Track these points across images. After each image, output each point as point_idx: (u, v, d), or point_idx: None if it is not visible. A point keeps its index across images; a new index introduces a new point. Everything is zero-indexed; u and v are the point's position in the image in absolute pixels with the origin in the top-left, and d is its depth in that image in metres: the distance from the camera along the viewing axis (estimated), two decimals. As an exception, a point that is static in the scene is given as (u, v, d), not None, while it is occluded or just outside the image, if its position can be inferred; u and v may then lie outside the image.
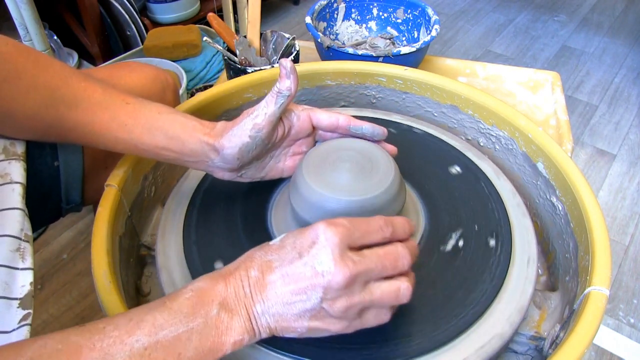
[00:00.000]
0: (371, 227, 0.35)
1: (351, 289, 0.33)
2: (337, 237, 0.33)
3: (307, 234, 0.34)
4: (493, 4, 2.41)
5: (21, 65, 0.44)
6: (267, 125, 0.45)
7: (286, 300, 0.33)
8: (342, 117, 0.49)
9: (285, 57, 0.79)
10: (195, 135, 0.45)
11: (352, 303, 0.33)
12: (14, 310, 0.40)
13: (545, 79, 0.92)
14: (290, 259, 0.33)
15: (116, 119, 0.45)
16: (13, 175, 0.47)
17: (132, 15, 1.54)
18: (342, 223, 0.34)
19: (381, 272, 0.34)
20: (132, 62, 0.64)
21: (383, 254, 0.34)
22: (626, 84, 1.86)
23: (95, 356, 0.28)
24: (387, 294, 0.34)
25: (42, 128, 0.46)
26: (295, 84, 0.44)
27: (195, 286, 0.33)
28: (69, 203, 0.58)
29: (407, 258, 0.35)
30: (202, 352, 0.30)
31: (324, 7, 0.93)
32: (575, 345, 0.36)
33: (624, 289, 1.15)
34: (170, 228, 0.51)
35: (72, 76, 0.46)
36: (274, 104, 0.44)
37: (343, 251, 0.33)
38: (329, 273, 0.32)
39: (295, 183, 0.47)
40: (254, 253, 0.35)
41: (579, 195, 0.48)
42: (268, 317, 0.33)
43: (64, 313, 1.05)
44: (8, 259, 0.42)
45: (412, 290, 0.35)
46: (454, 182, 0.55)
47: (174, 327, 0.30)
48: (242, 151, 0.46)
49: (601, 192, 1.41)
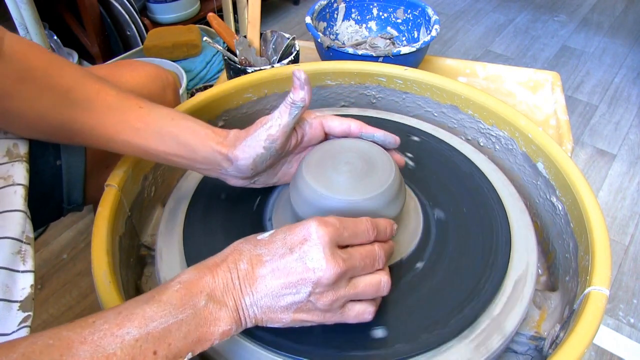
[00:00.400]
0: (359, 229, 0.37)
1: (338, 284, 0.35)
2: (328, 236, 0.34)
3: (298, 231, 0.35)
4: (493, 4, 2.41)
5: (35, 65, 0.44)
6: (281, 136, 0.44)
7: (276, 293, 0.34)
8: (354, 123, 0.48)
9: (285, 57, 0.79)
10: (207, 143, 0.45)
11: (337, 296, 0.35)
12: (14, 313, 0.40)
13: (545, 79, 0.92)
14: (281, 253, 0.34)
15: (128, 123, 0.45)
16: (15, 177, 0.46)
17: (132, 15, 1.54)
18: (333, 223, 0.35)
19: (363, 269, 0.37)
20: (133, 61, 0.64)
21: (365, 254, 0.37)
22: (626, 84, 1.86)
23: (87, 349, 0.28)
24: (370, 287, 0.37)
25: (53, 129, 0.46)
26: (309, 94, 0.43)
27: (182, 278, 0.33)
28: (71, 203, 0.58)
29: (383, 259, 0.38)
30: (191, 342, 0.31)
31: (324, 7, 0.93)
32: (575, 345, 0.36)
33: (624, 289, 1.15)
34: (170, 228, 0.51)
35: (85, 78, 0.46)
36: (288, 115, 0.44)
37: (333, 249, 0.35)
38: (320, 269, 0.33)
39: (295, 183, 0.47)
40: (241, 246, 0.36)
41: (579, 195, 0.48)
42: (256, 309, 0.34)
43: (64, 313, 1.05)
44: (9, 262, 0.42)
45: (391, 283, 0.38)
46: (453, 182, 0.55)
47: (164, 318, 0.31)
48: (256, 162, 0.46)
49: (601, 192, 1.41)
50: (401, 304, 0.43)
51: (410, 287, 0.45)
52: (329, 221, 0.35)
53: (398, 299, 0.44)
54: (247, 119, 0.68)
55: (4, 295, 0.40)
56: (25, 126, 0.47)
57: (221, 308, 0.33)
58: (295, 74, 0.42)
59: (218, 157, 0.46)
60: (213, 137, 0.46)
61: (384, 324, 0.42)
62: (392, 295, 0.44)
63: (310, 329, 0.38)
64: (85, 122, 0.45)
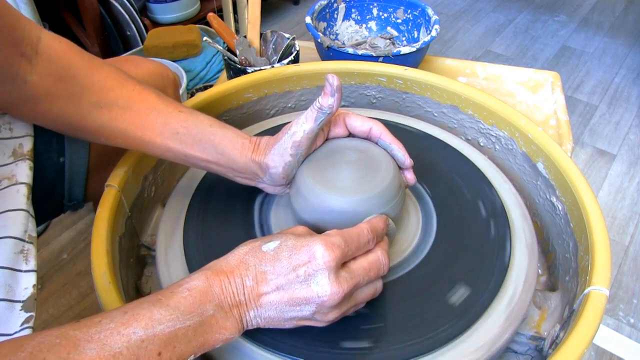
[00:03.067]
0: (361, 243, 0.38)
1: (342, 304, 0.36)
2: (334, 261, 0.35)
3: (305, 251, 0.35)
4: (493, 4, 2.41)
5: (75, 64, 0.44)
6: (305, 141, 0.44)
7: (280, 308, 0.35)
8: (375, 126, 0.47)
9: (285, 57, 0.79)
10: (244, 153, 0.45)
11: (341, 313, 0.37)
12: (16, 313, 0.40)
13: (545, 79, 0.92)
14: (286, 273, 0.35)
15: (168, 126, 0.45)
16: (19, 176, 0.46)
17: (132, 15, 1.54)
18: (338, 244, 0.35)
19: (366, 283, 0.38)
20: (135, 57, 0.64)
21: (368, 267, 0.37)
22: (626, 84, 1.85)
23: (94, 347, 0.28)
24: (367, 295, 0.39)
25: (94, 129, 0.46)
26: (338, 102, 0.41)
27: (191, 285, 0.34)
28: (71, 200, 0.58)
29: (387, 264, 0.39)
30: (195, 346, 0.32)
31: (324, 7, 0.93)
32: (575, 345, 0.36)
33: (624, 289, 1.15)
34: (170, 228, 0.51)
35: (126, 78, 0.46)
36: (314, 121, 0.42)
37: (338, 273, 0.35)
38: (325, 294, 0.34)
39: (296, 182, 0.47)
40: (248, 259, 0.36)
41: (579, 195, 0.48)
42: (260, 320, 0.35)
43: (64, 313, 1.05)
44: (11, 261, 0.42)
45: (382, 287, 0.40)
46: (453, 182, 0.55)
47: (171, 322, 0.31)
48: (287, 170, 0.45)
49: (601, 192, 1.41)
50: (400, 304, 0.43)
51: (409, 288, 0.45)
52: (335, 243, 0.35)
53: (397, 299, 0.44)
54: (247, 119, 0.68)
55: (6, 295, 0.40)
56: (66, 126, 0.46)
57: (228, 318, 0.34)
58: (328, 79, 0.40)
59: (253, 166, 0.45)
60: (249, 146, 0.45)
61: (384, 324, 0.42)
62: (392, 294, 0.44)
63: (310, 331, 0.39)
64: (127, 121, 0.45)
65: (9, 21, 0.40)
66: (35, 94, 0.43)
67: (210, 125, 0.46)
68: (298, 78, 0.68)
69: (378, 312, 0.42)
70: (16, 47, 0.41)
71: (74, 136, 0.49)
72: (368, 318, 0.42)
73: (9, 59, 0.41)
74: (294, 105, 0.71)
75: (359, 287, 0.37)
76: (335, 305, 0.35)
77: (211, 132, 0.45)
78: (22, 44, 0.42)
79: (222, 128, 0.46)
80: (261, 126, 0.64)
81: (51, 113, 0.44)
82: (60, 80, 0.43)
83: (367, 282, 0.38)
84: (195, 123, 0.45)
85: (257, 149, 0.45)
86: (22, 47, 0.42)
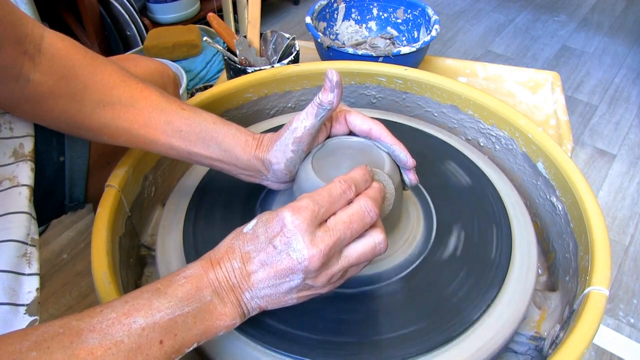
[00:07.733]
0: (334, 196, 0.36)
1: (328, 264, 0.35)
2: (305, 223, 0.34)
3: (275, 221, 0.35)
4: (493, 4, 2.41)
5: (78, 62, 0.44)
6: (306, 137, 0.43)
7: (271, 283, 0.35)
8: (375, 127, 0.46)
9: (285, 57, 0.79)
10: (248, 150, 0.45)
11: (332, 273, 0.35)
12: (20, 317, 0.40)
13: (545, 79, 0.92)
14: (264, 247, 0.35)
15: (171, 124, 0.45)
16: (20, 177, 0.46)
17: (132, 15, 1.54)
18: (305, 206, 0.34)
19: (351, 236, 0.35)
20: (135, 56, 0.64)
21: (348, 220, 0.35)
22: (626, 84, 1.85)
23: (96, 336, 0.29)
24: (364, 254, 0.36)
25: (96, 127, 0.46)
26: (338, 98, 0.41)
27: (187, 273, 0.34)
28: (72, 200, 0.58)
29: (373, 210, 0.36)
30: (196, 334, 0.32)
31: (324, 7, 0.93)
32: (575, 345, 0.36)
33: (624, 289, 1.15)
34: (170, 228, 0.51)
35: (128, 76, 0.46)
36: (314, 117, 0.42)
37: (312, 234, 0.34)
38: (304, 259, 0.33)
39: (298, 181, 0.47)
40: (233, 243, 0.36)
41: (578, 195, 0.48)
42: (257, 300, 0.35)
43: (64, 313, 1.05)
44: (14, 265, 0.41)
45: (386, 241, 0.37)
46: (453, 182, 0.55)
47: (170, 309, 0.31)
48: (289, 166, 0.45)
49: (601, 192, 1.41)
50: (400, 303, 0.43)
51: (409, 288, 0.45)
52: (302, 205, 0.34)
53: (397, 299, 0.44)
54: (247, 119, 0.68)
55: (10, 299, 0.40)
56: (68, 125, 0.46)
57: (226, 304, 0.34)
58: (327, 75, 0.40)
59: (257, 163, 0.46)
60: (252, 143, 0.45)
61: (383, 324, 0.42)
62: (392, 294, 0.44)
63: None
64: (130, 119, 0.45)
65: (12, 20, 0.40)
66: (38, 93, 0.43)
67: (213, 123, 0.46)
68: (298, 78, 0.68)
69: (377, 312, 0.42)
70: (19, 45, 0.41)
71: (76, 135, 0.49)
72: (367, 318, 0.42)
73: (12, 58, 0.41)
74: (294, 105, 0.71)
75: (343, 242, 0.35)
76: (319, 267, 0.34)
77: (214, 130, 0.45)
78: (25, 43, 0.41)
79: (226, 125, 0.46)
80: (261, 126, 0.64)
81: (54, 112, 0.44)
82: (63, 78, 0.43)
83: (352, 235, 0.35)
84: (198, 121, 0.45)
85: (260, 145, 0.45)
86: (25, 46, 0.41)
